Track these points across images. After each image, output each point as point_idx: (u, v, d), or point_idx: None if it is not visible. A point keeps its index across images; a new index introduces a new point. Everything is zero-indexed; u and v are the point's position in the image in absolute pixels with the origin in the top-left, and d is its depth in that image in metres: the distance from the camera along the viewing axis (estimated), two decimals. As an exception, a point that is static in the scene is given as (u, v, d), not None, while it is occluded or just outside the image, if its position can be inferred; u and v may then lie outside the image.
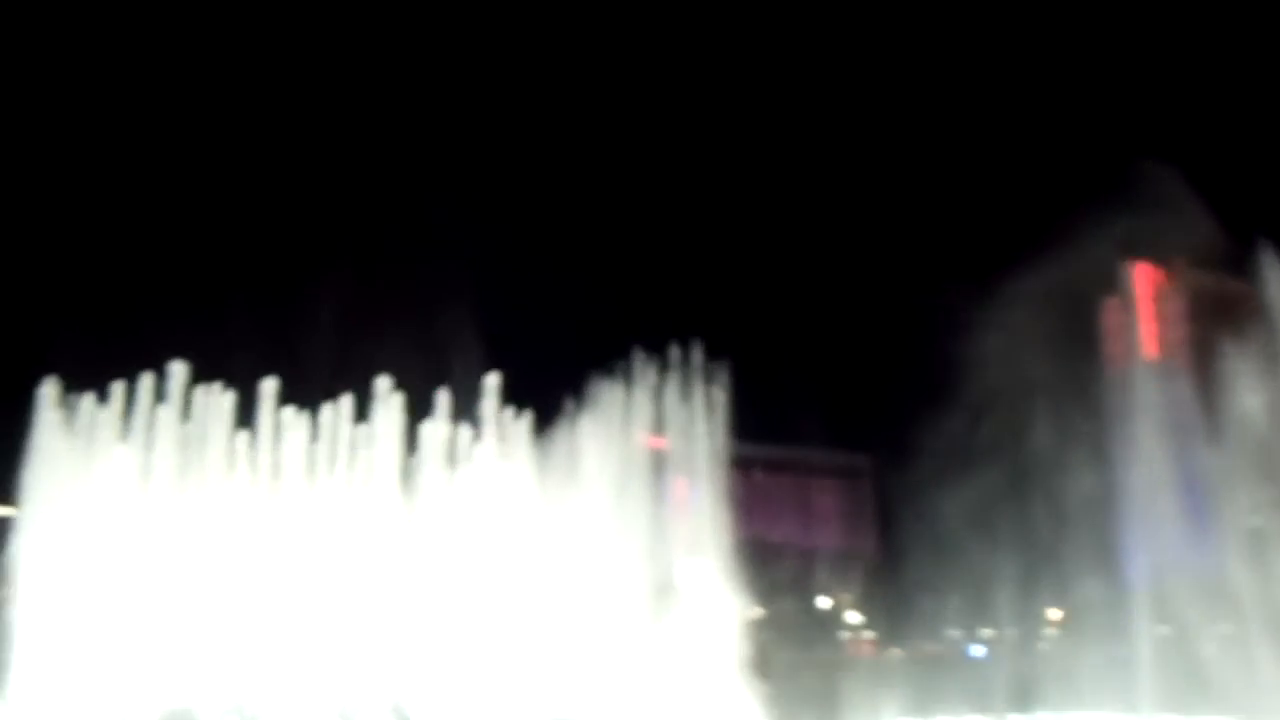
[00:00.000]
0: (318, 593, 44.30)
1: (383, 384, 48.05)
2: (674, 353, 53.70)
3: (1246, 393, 44.91)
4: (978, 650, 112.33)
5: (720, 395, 54.59)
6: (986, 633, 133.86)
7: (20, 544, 43.08)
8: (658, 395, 54.96)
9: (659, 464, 58.33)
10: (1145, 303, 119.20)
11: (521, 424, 50.03)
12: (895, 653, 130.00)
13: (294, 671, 42.61)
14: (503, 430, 49.54)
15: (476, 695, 42.92)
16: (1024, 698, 46.84)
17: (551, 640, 46.02)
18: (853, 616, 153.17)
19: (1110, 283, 78.73)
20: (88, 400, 46.08)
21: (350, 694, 41.49)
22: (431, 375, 49.76)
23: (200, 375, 46.79)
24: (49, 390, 45.15)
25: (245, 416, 47.15)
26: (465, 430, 49.11)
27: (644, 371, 54.19)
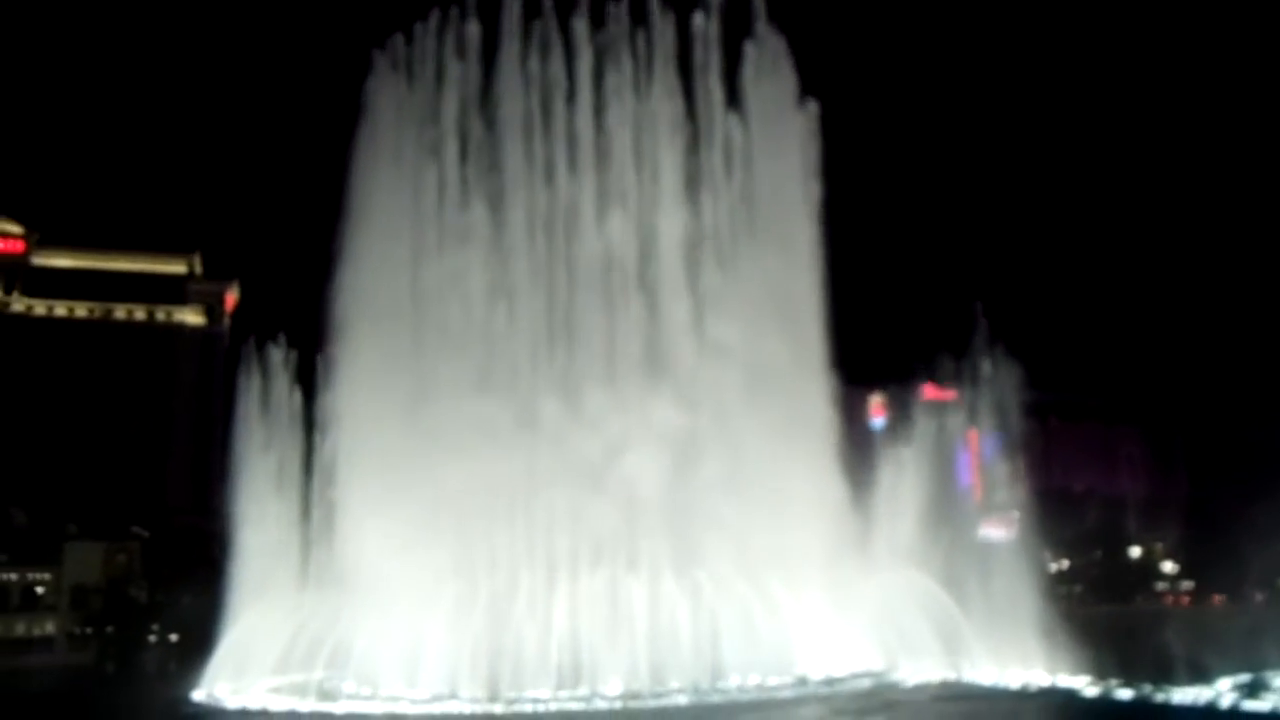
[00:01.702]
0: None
1: None
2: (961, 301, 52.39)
3: None
4: None
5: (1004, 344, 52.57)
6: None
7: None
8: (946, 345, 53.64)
9: (949, 415, 56.63)
10: None
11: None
12: (1218, 603, 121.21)
13: None
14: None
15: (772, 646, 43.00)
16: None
17: (846, 595, 45.85)
18: (1167, 566, 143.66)
19: None
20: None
21: None
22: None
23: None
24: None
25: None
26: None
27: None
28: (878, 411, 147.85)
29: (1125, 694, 37.87)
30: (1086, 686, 39.94)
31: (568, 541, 43.91)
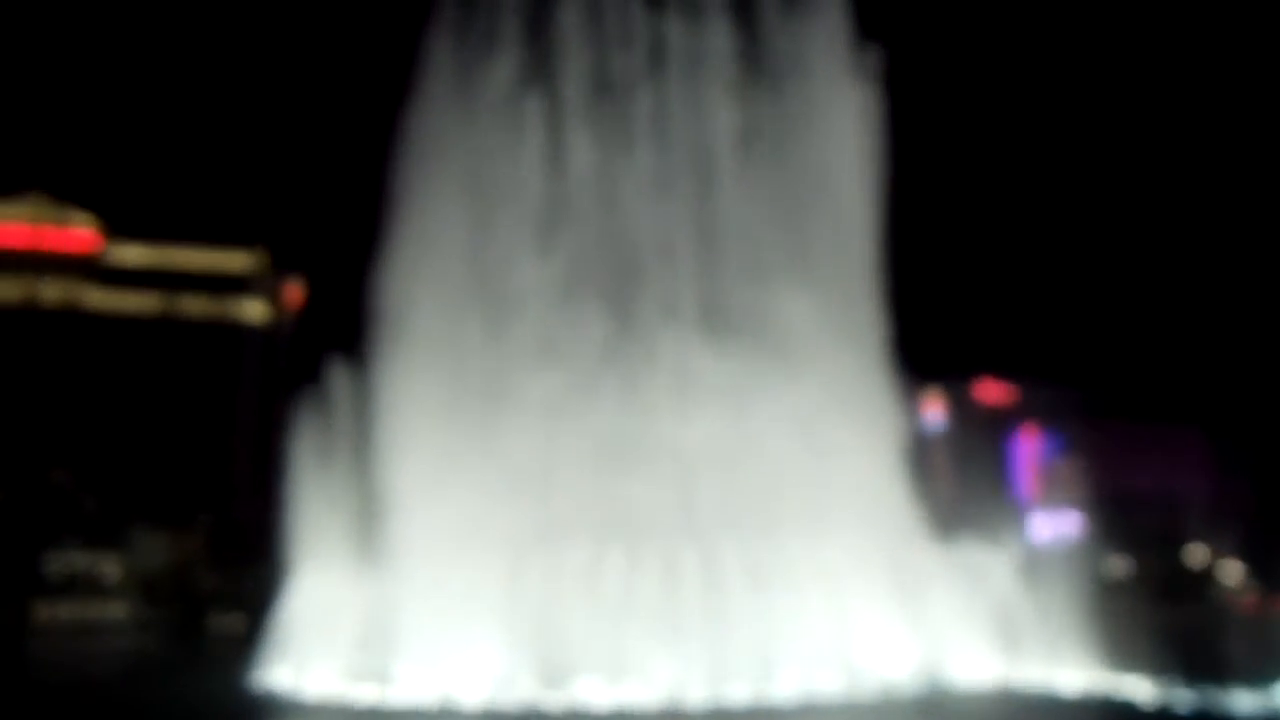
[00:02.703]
0: None
1: None
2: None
3: None
4: None
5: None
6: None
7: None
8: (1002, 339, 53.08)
9: (1007, 413, 56.02)
10: None
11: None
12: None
13: None
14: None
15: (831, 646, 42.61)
16: None
17: (901, 596, 45.40)
18: (1231, 569, 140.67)
19: None
20: None
21: None
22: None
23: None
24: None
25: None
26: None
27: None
28: (934, 407, 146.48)
29: (1190, 699, 37.30)
30: (1150, 691, 39.39)
31: (622, 520, 43.43)
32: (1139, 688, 39.94)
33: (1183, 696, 37.65)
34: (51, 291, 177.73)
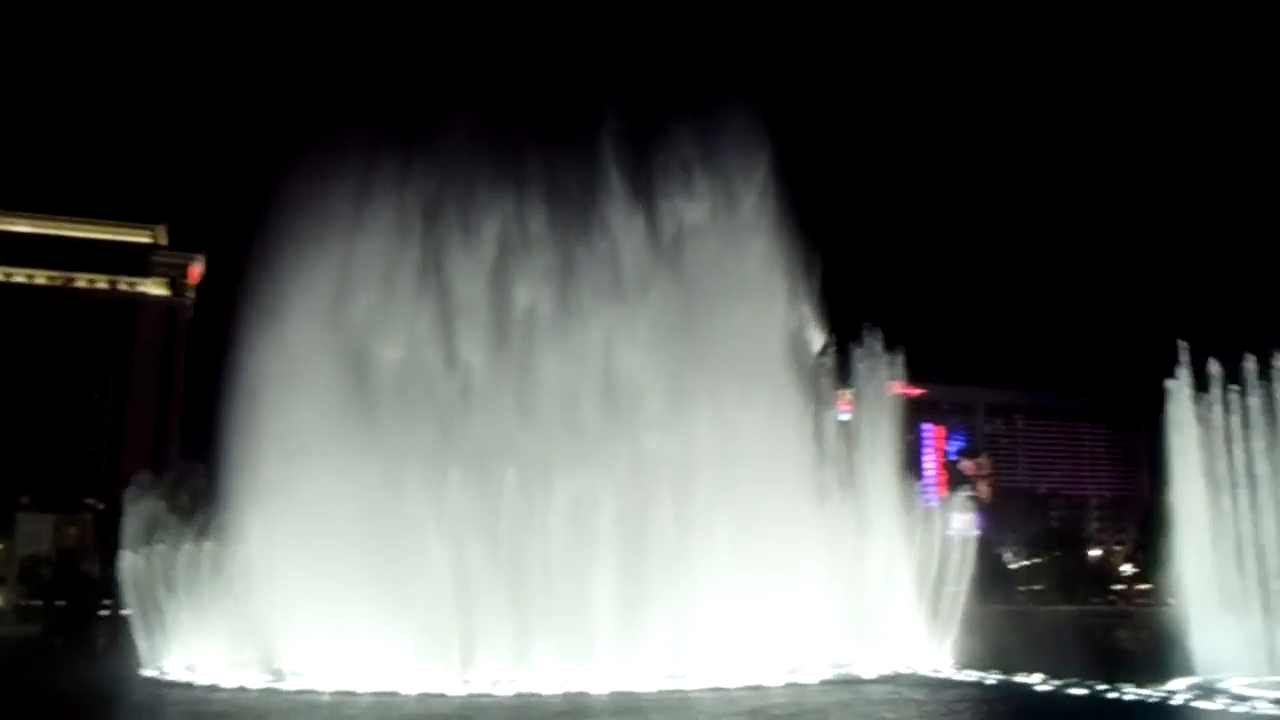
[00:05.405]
0: None
1: None
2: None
3: None
4: None
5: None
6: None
7: None
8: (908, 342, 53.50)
9: (912, 411, 56.34)
10: None
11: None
12: (1174, 606, 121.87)
13: None
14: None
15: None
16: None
17: (813, 590, 45.43)
18: (1126, 567, 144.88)
19: None
20: None
21: None
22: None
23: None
24: None
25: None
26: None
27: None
28: (845, 406, 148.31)
29: (1078, 691, 37.76)
30: (1041, 683, 39.86)
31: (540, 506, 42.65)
32: (1033, 679, 40.40)
33: (1074, 689, 38.08)
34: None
